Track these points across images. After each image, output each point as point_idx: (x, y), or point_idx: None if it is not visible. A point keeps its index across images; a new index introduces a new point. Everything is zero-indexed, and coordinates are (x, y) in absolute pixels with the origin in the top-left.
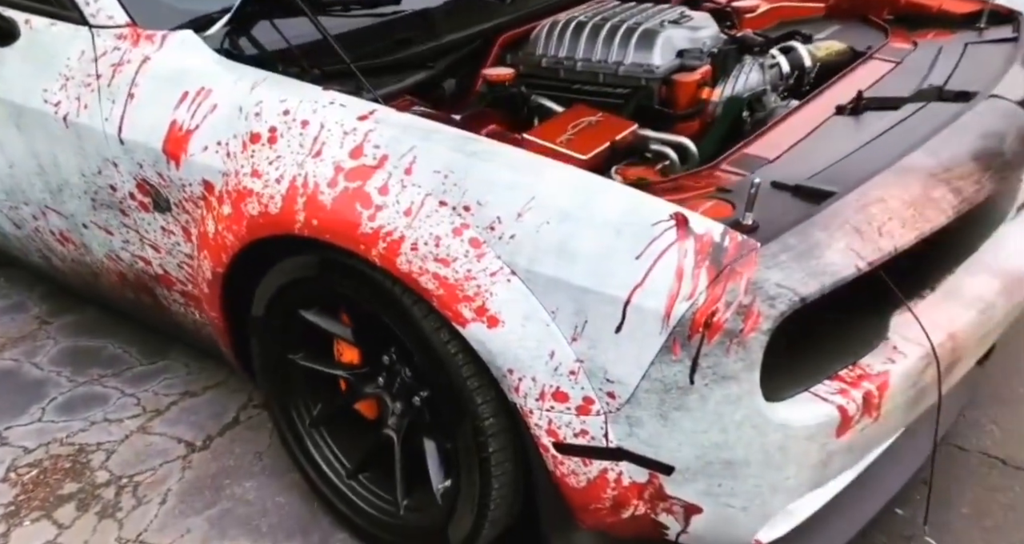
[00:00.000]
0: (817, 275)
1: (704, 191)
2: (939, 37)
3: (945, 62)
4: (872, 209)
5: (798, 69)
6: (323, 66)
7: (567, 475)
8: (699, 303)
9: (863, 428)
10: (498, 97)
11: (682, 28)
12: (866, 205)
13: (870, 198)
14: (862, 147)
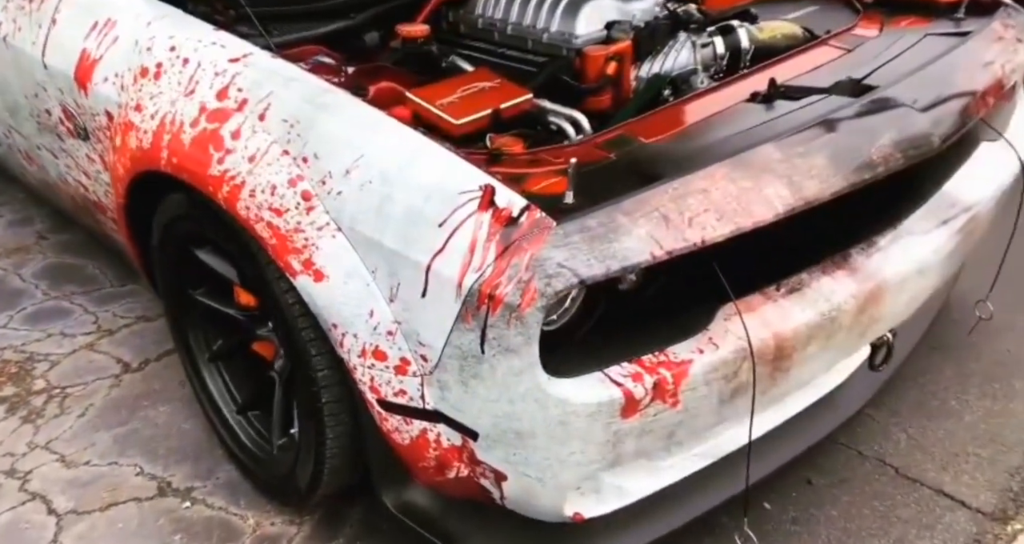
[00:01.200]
0: (605, 259)
1: (556, 167)
2: (914, 25)
3: (892, 54)
4: (690, 199)
5: (734, 51)
6: (239, 8)
7: (392, 431)
8: (486, 275)
9: (656, 413)
10: (409, 54)
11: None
12: (685, 194)
13: (692, 187)
14: (734, 135)
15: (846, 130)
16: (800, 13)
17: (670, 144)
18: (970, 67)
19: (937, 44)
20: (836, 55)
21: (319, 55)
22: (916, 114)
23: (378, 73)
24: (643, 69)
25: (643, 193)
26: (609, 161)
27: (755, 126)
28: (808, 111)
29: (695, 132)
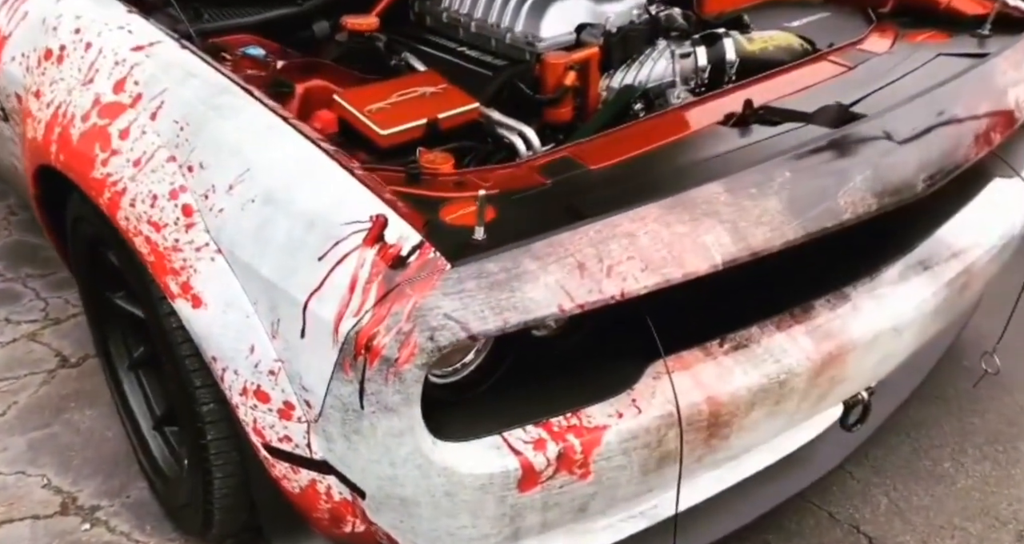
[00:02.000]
0: (503, 310)
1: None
2: (931, 40)
3: (895, 75)
4: (613, 244)
5: (718, 63)
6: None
7: (281, 478)
8: (363, 322)
9: (563, 485)
10: (354, 49)
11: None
12: (608, 238)
13: (618, 230)
14: (691, 166)
15: (811, 168)
16: (807, 21)
17: (617, 172)
18: (978, 96)
19: (948, 66)
20: (834, 73)
21: (248, 46)
22: (899, 151)
23: (315, 69)
24: (615, 79)
25: (560, 234)
26: (543, 189)
27: (718, 156)
28: (783, 140)
29: (650, 159)
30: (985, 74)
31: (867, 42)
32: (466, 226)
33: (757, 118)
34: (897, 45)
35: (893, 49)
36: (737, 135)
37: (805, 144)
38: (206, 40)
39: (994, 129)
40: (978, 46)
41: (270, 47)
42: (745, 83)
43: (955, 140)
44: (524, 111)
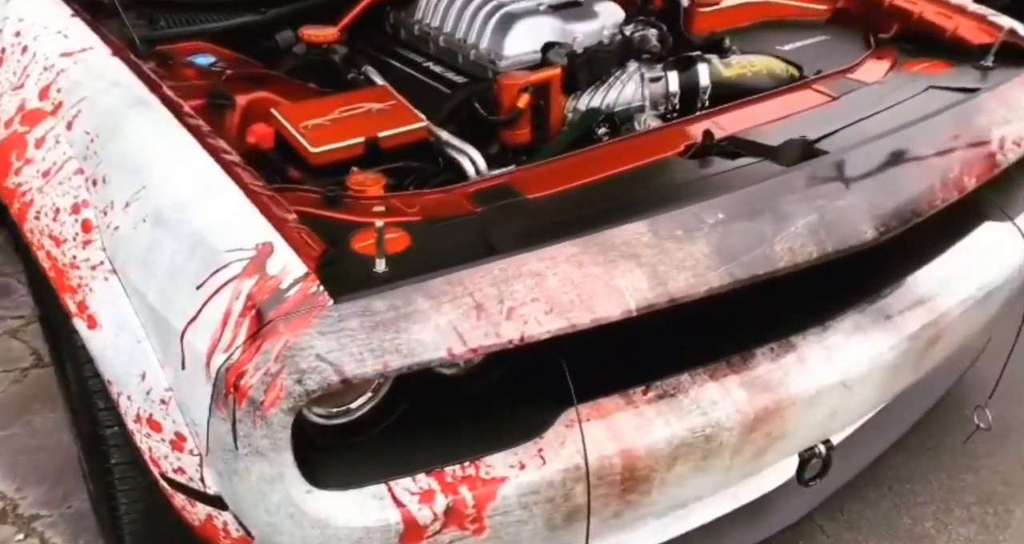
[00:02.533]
0: (385, 353)
1: (407, 217)
2: (930, 69)
3: (877, 108)
4: (518, 283)
5: (691, 88)
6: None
7: (181, 509)
8: (233, 359)
9: (453, 541)
10: (310, 61)
11: (558, 16)
12: (514, 277)
13: (525, 268)
14: (625, 202)
15: (748, 209)
16: (802, 44)
17: (552, 203)
18: (955, 136)
19: (935, 100)
20: (814, 102)
21: (199, 54)
22: (850, 194)
23: (263, 81)
24: (582, 100)
25: (462, 271)
26: (469, 218)
27: (664, 190)
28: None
29: (591, 191)
30: (968, 111)
31: (859, 70)
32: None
33: (716, 150)
34: (891, 74)
35: (885, 79)
36: (693, 167)
37: (747, 182)
38: (153, 46)
39: (968, 173)
40: (979, 78)
41: (226, 56)
42: (716, 110)
43: (919, 184)
44: (481, 132)
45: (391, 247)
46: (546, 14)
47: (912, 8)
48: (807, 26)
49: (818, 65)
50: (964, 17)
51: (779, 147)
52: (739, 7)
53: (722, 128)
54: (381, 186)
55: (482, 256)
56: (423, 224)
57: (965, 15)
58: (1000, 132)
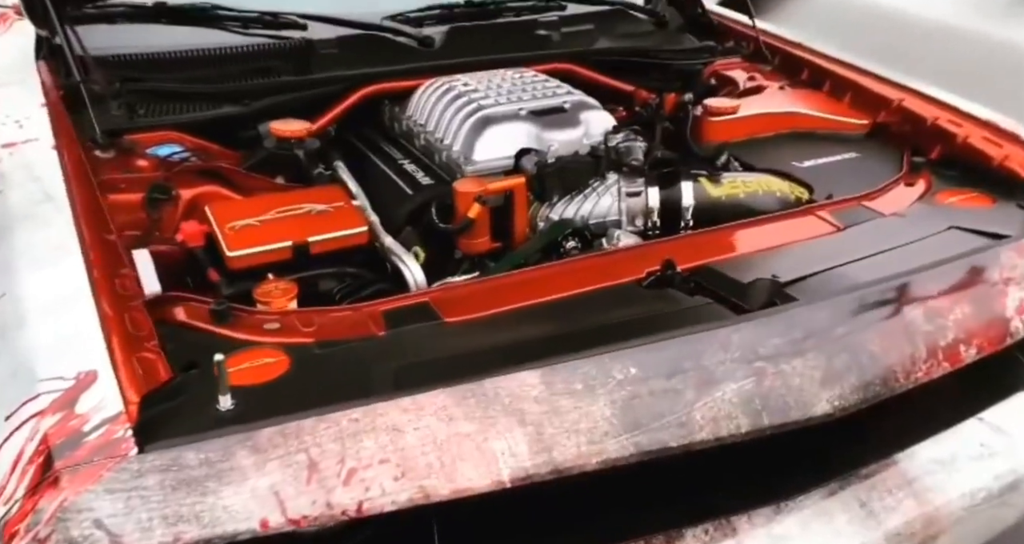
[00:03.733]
0: (180, 522)
1: (296, 340)
2: (966, 203)
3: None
4: (370, 439)
5: (671, 205)
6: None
7: None
8: (11, 513)
9: None
10: (276, 155)
11: (536, 122)
12: (367, 430)
13: (384, 420)
14: (548, 338)
15: (670, 365)
16: (825, 161)
17: (468, 331)
18: (962, 292)
19: (954, 244)
20: (812, 233)
21: (164, 144)
22: (803, 356)
23: (219, 175)
24: (556, 210)
25: (305, 419)
26: (366, 344)
27: (598, 328)
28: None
29: (518, 319)
30: (984, 263)
31: (880, 197)
32: (258, 384)
33: (675, 282)
34: (916, 206)
35: (906, 211)
36: (647, 300)
37: (689, 327)
38: (120, 136)
39: (968, 342)
40: (1022, 222)
41: (199, 146)
42: (697, 233)
43: (896, 350)
44: (441, 238)
45: (262, 375)
46: (524, 120)
47: (957, 130)
48: (840, 141)
49: (839, 187)
50: (1016, 145)
51: (745, 286)
52: (760, 117)
53: (695, 255)
54: (290, 298)
55: (351, 397)
56: (310, 347)
57: (1017, 143)
58: (1020, 294)
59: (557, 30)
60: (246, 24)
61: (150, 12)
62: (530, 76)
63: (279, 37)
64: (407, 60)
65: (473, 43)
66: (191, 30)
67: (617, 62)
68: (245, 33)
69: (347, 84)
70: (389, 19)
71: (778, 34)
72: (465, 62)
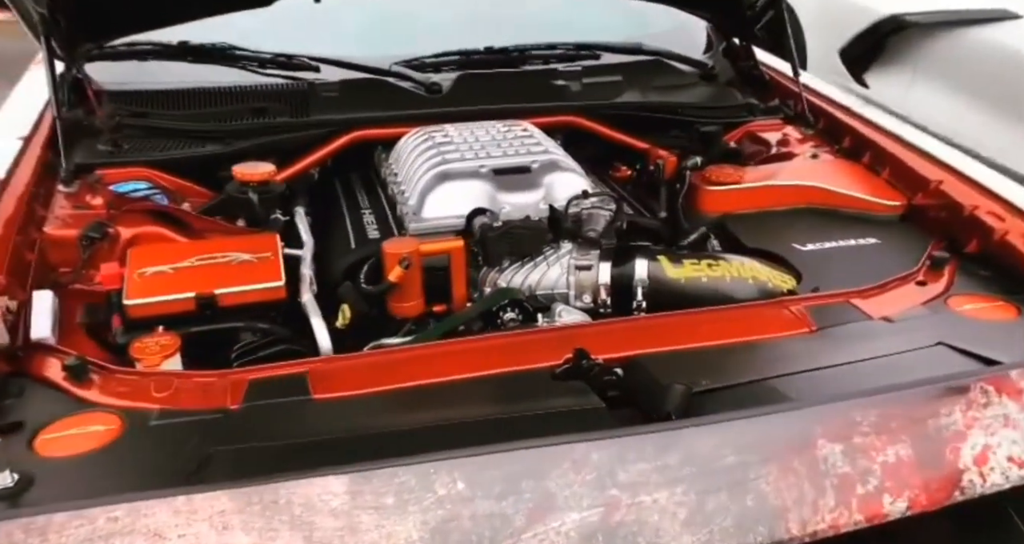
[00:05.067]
0: None
1: (139, 405)
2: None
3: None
4: (121, 541)
5: (623, 283)
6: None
7: None
8: None
9: None
10: (233, 198)
11: (493, 182)
12: (123, 532)
13: (144, 524)
14: (413, 432)
15: (504, 480)
16: (833, 245)
17: (332, 411)
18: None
19: (929, 366)
20: (776, 332)
21: (129, 181)
22: (671, 485)
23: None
24: (504, 276)
25: (57, 514)
26: (213, 418)
27: (463, 423)
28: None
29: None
30: (944, 398)
31: (878, 296)
32: (51, 457)
33: (588, 375)
34: (916, 310)
35: (901, 316)
36: (540, 394)
37: (530, 439)
38: (90, 172)
39: (897, 494)
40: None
41: (172, 185)
42: (644, 318)
43: (798, 495)
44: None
45: (82, 445)
46: (483, 178)
47: (996, 224)
48: (864, 223)
49: (837, 278)
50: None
51: (659, 390)
52: (770, 189)
53: (629, 343)
54: (167, 354)
55: (147, 485)
56: (149, 416)
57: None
58: (985, 441)
59: (578, 80)
60: (263, 64)
61: (172, 51)
62: (519, 130)
63: (293, 78)
64: (406, 106)
65: (480, 91)
66: (203, 68)
67: (633, 117)
68: (260, 73)
69: (334, 128)
70: (403, 64)
71: (826, 93)
72: (463, 111)
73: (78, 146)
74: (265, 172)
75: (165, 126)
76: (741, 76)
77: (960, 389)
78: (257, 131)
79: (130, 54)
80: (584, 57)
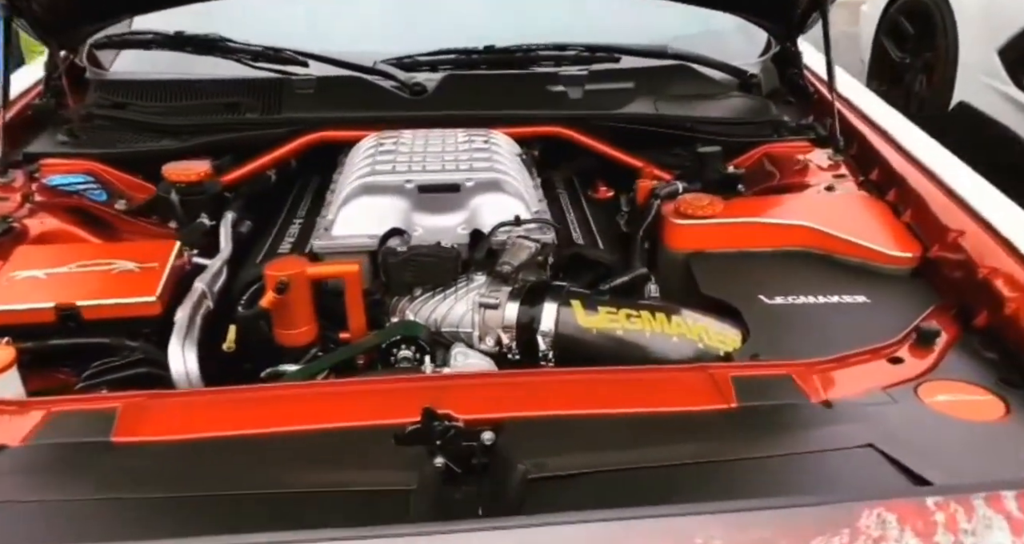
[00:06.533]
0: None
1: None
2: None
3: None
4: None
5: (529, 328)
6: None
7: None
8: None
9: None
10: (159, 198)
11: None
12: None
13: None
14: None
15: None
16: (813, 301)
17: (126, 459)
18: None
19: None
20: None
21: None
22: None
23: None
24: (413, 307)
25: None
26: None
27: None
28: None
29: (203, 452)
30: (822, 524)
31: (831, 373)
32: None
33: (429, 440)
34: (867, 396)
35: (843, 402)
36: (374, 461)
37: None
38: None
39: None
40: None
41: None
42: (533, 372)
43: None
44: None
45: None
46: (405, 195)
47: (1010, 293)
48: (864, 275)
49: (796, 344)
50: None
51: (503, 472)
52: (752, 226)
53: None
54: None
55: None
56: None
57: None
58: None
59: (580, 86)
60: (255, 57)
61: (168, 41)
62: (480, 141)
63: (283, 72)
64: (380, 107)
65: (465, 95)
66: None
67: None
68: (251, 66)
69: (295, 128)
70: (393, 61)
71: (869, 112)
72: (437, 116)
73: (42, 135)
74: (197, 172)
75: (131, 118)
76: (787, 86)
77: (849, 514)
78: (217, 128)
79: (126, 43)
80: (600, 60)
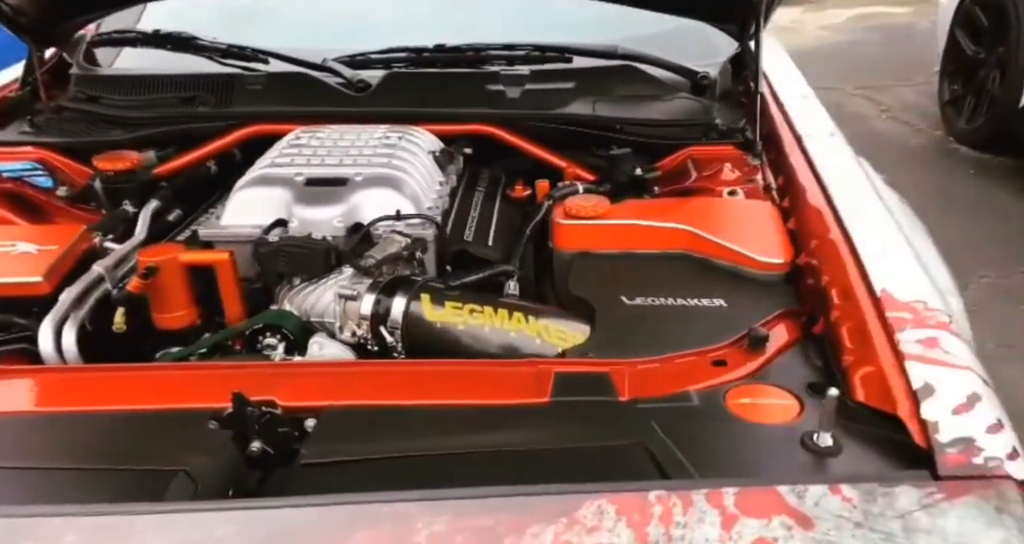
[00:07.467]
0: None
1: None
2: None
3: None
4: None
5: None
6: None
7: None
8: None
9: None
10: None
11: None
12: None
13: None
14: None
15: None
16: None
17: None
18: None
19: (612, 465)
20: (502, 399)
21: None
22: None
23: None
24: (289, 296)
25: None
26: None
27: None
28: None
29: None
30: (538, 508)
31: (649, 371)
32: None
33: (244, 425)
34: (674, 398)
35: (649, 399)
36: (178, 444)
37: None
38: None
39: None
40: None
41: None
42: (362, 363)
43: None
44: None
45: None
46: (291, 187)
47: (836, 302)
48: (735, 279)
49: (634, 342)
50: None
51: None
52: (634, 228)
53: (328, 392)
54: None
55: None
56: None
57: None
58: None
59: (519, 86)
60: (224, 55)
61: (150, 39)
62: (395, 137)
63: (246, 68)
64: (321, 103)
65: (405, 92)
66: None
67: (565, 131)
68: (219, 62)
69: (233, 122)
70: (344, 59)
71: (796, 116)
72: (371, 112)
73: (9, 126)
74: (124, 161)
75: (96, 111)
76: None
77: (570, 505)
78: (169, 120)
79: (115, 41)
80: (551, 60)
